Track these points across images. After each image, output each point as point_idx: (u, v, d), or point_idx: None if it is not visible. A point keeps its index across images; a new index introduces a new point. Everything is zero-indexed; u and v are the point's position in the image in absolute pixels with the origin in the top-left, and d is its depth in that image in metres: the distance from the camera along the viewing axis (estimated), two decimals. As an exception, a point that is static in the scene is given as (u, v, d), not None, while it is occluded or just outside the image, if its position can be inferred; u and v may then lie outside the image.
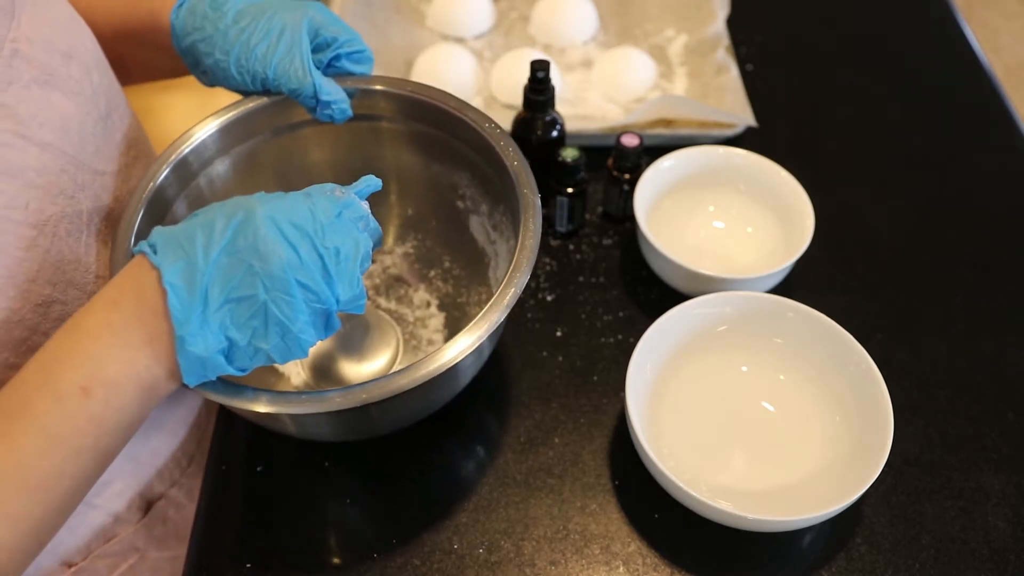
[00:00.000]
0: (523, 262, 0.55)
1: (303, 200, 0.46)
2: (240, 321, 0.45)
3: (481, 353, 0.59)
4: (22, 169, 0.48)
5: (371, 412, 0.56)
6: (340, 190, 0.48)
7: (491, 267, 0.70)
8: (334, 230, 0.46)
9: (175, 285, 0.43)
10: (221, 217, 0.44)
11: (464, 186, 0.69)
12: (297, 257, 0.44)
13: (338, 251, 0.46)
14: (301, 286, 0.45)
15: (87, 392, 0.42)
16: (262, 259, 0.44)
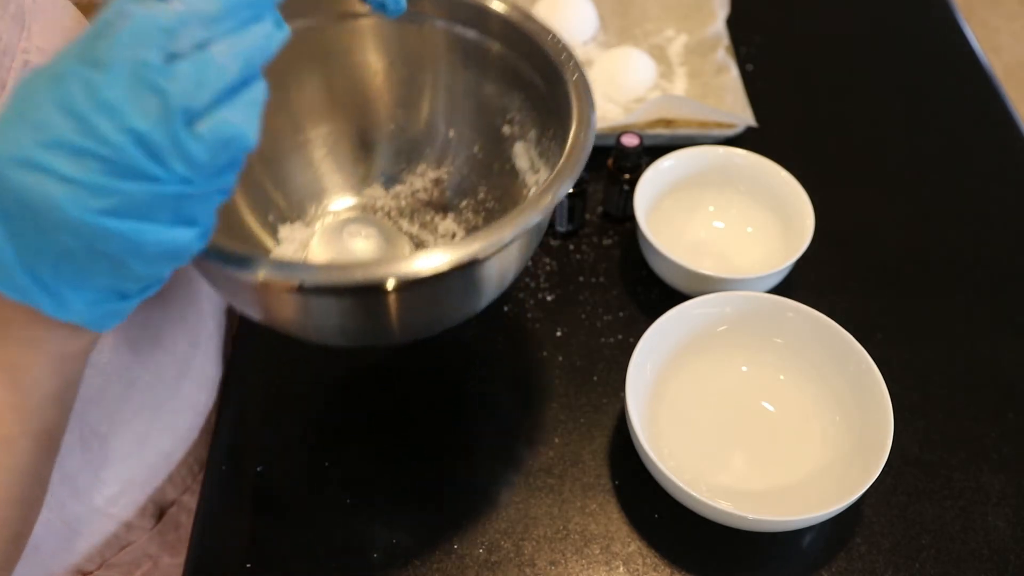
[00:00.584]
0: (567, 170, 0.50)
1: (48, 83, 0.32)
2: (88, 272, 0.35)
3: (506, 259, 0.52)
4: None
5: (391, 304, 0.49)
6: (125, 13, 0.32)
7: None
8: (110, 110, 0.31)
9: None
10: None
11: (514, 109, 0.63)
12: (80, 188, 0.31)
13: (136, 136, 0.32)
14: (112, 214, 0.32)
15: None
16: (40, 215, 0.32)
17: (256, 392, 0.70)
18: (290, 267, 0.44)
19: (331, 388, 0.71)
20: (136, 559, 0.65)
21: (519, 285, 0.77)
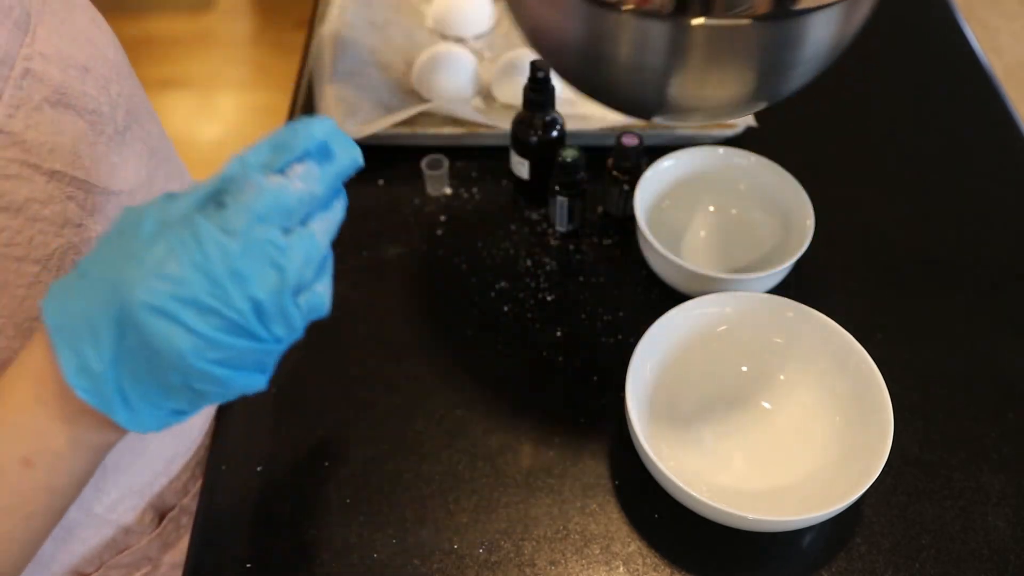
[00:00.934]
0: None
1: (190, 245, 0.36)
2: (172, 397, 0.39)
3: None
4: (27, 202, 0.44)
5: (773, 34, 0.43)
6: (253, 183, 0.37)
7: None
8: (239, 279, 0.36)
9: (84, 388, 0.37)
10: (100, 309, 0.36)
11: None
12: (200, 340, 0.36)
13: (256, 302, 0.37)
14: (217, 362, 0.37)
15: (29, 463, 0.40)
16: (160, 355, 0.36)
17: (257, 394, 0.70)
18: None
19: (331, 388, 0.71)
20: (136, 561, 0.65)
21: (519, 285, 0.77)
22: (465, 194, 0.85)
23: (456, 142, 0.87)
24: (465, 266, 0.79)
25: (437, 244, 0.81)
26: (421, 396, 0.70)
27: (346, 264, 0.79)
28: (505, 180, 0.86)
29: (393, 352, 0.73)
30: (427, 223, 0.82)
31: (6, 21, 0.44)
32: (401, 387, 0.71)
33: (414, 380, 0.71)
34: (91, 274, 0.37)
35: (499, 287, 0.77)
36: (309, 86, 0.93)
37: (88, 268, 0.38)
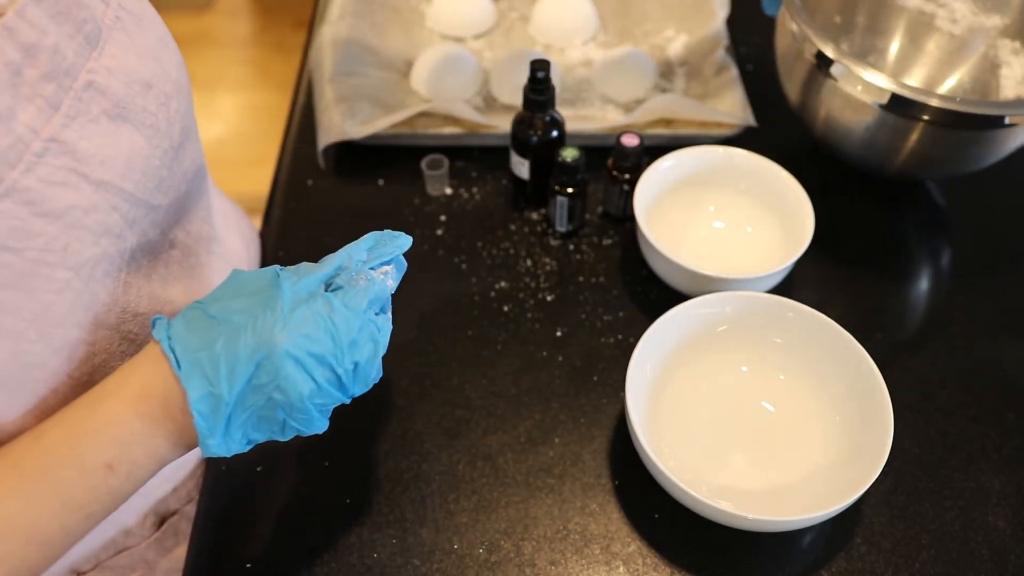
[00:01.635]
0: None
1: (325, 315, 0.46)
2: (260, 428, 0.48)
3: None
4: (68, 209, 0.45)
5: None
6: (365, 275, 0.49)
7: None
8: (354, 346, 0.48)
9: (202, 412, 0.45)
10: (244, 346, 0.45)
11: None
12: (316, 387, 0.47)
13: (356, 365, 0.48)
14: (318, 406, 0.48)
15: (112, 469, 0.45)
16: (283, 392, 0.46)
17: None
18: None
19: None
20: (132, 563, 0.65)
21: (519, 285, 0.77)
22: (465, 194, 0.85)
23: (456, 142, 0.87)
24: (465, 266, 0.79)
25: (437, 244, 0.81)
26: (421, 396, 0.70)
27: (346, 264, 0.79)
28: (505, 180, 0.86)
29: (393, 352, 0.73)
30: (427, 223, 0.82)
31: (77, 35, 0.45)
32: (401, 387, 0.71)
33: (414, 380, 0.71)
34: (231, 321, 0.46)
35: (499, 287, 0.77)
36: (309, 86, 0.93)
37: (224, 315, 0.46)
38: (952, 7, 0.87)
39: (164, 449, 0.47)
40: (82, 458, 0.44)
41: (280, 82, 2.25)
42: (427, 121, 0.85)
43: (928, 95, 0.68)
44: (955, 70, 0.87)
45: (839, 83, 0.73)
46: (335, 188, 0.85)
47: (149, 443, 0.46)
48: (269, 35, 2.42)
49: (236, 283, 0.48)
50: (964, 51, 0.87)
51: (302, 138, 0.90)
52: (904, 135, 0.73)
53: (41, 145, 0.43)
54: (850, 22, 0.90)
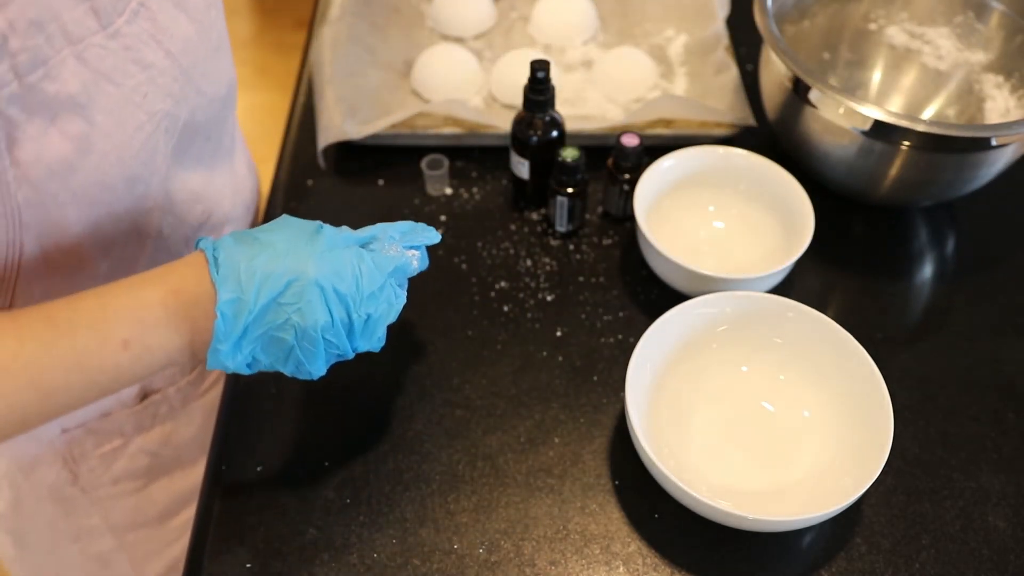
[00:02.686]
0: None
1: (355, 262, 0.53)
2: (268, 350, 0.52)
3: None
4: (150, 64, 0.54)
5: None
6: (397, 247, 0.56)
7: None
8: (373, 299, 0.53)
9: (225, 315, 0.49)
10: (282, 268, 0.50)
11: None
12: (331, 320, 0.51)
13: (369, 317, 0.53)
14: (326, 341, 0.52)
15: (127, 346, 0.49)
16: (302, 316, 0.51)
17: (256, 393, 0.70)
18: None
19: (331, 389, 0.71)
20: (110, 432, 0.70)
21: (519, 285, 0.77)
22: (465, 194, 0.85)
23: (456, 142, 0.87)
24: (465, 266, 0.79)
25: (437, 244, 0.81)
26: (421, 396, 0.70)
27: (346, 264, 0.79)
28: (505, 180, 0.86)
29: (394, 352, 0.73)
30: (427, 223, 0.82)
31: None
32: (401, 387, 0.71)
33: (415, 380, 0.71)
34: (275, 247, 0.51)
35: (499, 287, 0.77)
36: (309, 86, 0.93)
37: (269, 240, 0.52)
38: (937, 44, 0.88)
39: (176, 346, 0.51)
40: (106, 327, 0.49)
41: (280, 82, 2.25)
42: (427, 121, 0.85)
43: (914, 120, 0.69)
44: (940, 103, 0.89)
45: (819, 111, 0.74)
46: (335, 188, 0.85)
47: (165, 335, 0.50)
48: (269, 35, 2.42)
49: (284, 222, 0.54)
50: (949, 85, 0.88)
51: (302, 138, 0.90)
52: (890, 161, 0.74)
53: (136, 4, 0.52)
54: (835, 58, 0.92)
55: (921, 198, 0.80)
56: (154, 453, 0.75)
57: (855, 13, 0.91)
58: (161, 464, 0.76)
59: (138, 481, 0.76)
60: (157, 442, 0.74)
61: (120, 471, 0.74)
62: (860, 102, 0.70)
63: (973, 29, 0.86)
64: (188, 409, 0.76)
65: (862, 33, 0.91)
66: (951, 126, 0.70)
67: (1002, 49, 0.85)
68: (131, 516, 0.77)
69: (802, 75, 0.72)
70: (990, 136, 0.70)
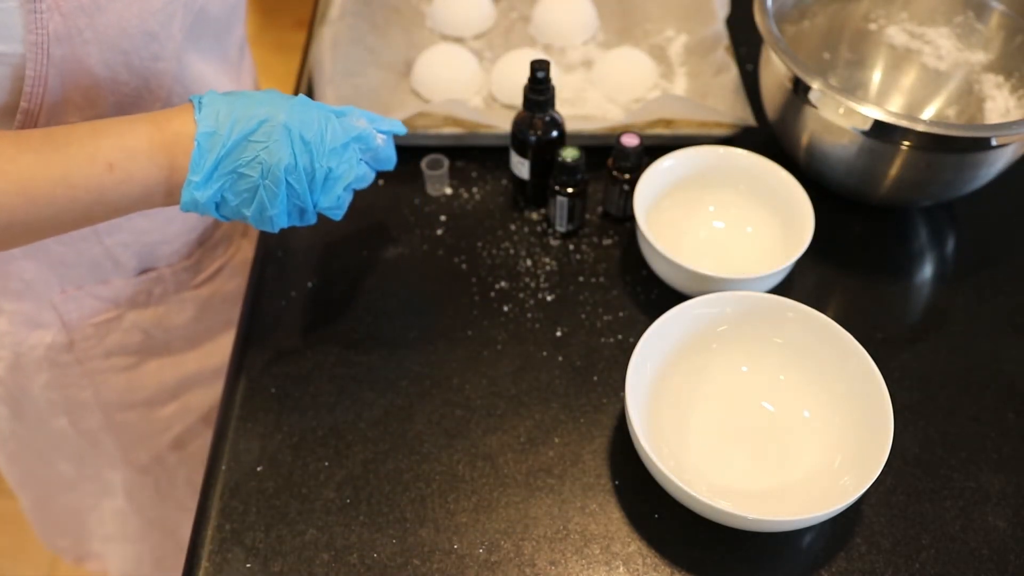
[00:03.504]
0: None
1: (323, 120, 0.57)
2: (235, 190, 0.57)
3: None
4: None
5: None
6: (363, 121, 0.61)
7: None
8: (335, 154, 0.58)
9: (201, 145, 0.55)
10: (257, 111, 0.56)
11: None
12: (294, 163, 0.56)
13: (330, 171, 0.58)
14: (288, 185, 0.57)
15: (111, 168, 0.54)
16: (269, 154, 0.56)
17: (257, 393, 0.70)
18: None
19: (331, 389, 0.71)
20: (106, 301, 0.76)
21: (519, 285, 0.77)
22: (465, 194, 0.85)
23: (456, 142, 0.87)
24: (465, 266, 0.79)
25: (437, 244, 0.81)
26: (421, 396, 0.70)
27: (346, 264, 0.79)
28: (505, 180, 0.86)
29: (393, 352, 0.73)
30: (427, 223, 0.82)
31: None
32: (401, 387, 0.71)
33: (414, 380, 0.71)
34: (255, 99, 0.57)
35: (499, 287, 0.77)
36: (309, 86, 0.93)
37: (251, 96, 0.57)
38: (937, 44, 0.88)
39: (155, 179, 0.55)
40: (95, 148, 0.54)
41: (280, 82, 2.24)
42: (427, 121, 0.85)
43: (914, 120, 0.69)
44: (940, 103, 0.89)
45: (819, 111, 0.74)
46: (335, 188, 0.85)
47: (147, 165, 0.55)
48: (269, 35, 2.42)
49: (267, 90, 0.59)
50: (949, 85, 0.88)
51: (302, 138, 0.90)
52: (890, 161, 0.74)
53: None
54: (835, 58, 0.92)
55: (921, 198, 0.80)
56: (146, 331, 0.80)
57: (855, 13, 0.91)
58: (152, 345, 0.82)
59: (129, 358, 0.81)
60: (150, 321, 0.80)
61: (113, 344, 0.79)
62: (860, 102, 0.70)
63: (973, 29, 0.86)
64: (181, 297, 0.82)
65: (862, 33, 0.91)
66: (951, 126, 0.70)
67: (1002, 49, 0.85)
68: (120, 395, 0.83)
69: (802, 75, 0.72)
70: (990, 136, 0.70)
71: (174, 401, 0.87)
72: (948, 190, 0.77)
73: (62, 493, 0.96)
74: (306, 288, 0.77)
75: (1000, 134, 0.70)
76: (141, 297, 0.78)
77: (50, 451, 0.89)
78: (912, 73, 0.90)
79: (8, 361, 0.78)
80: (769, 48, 0.77)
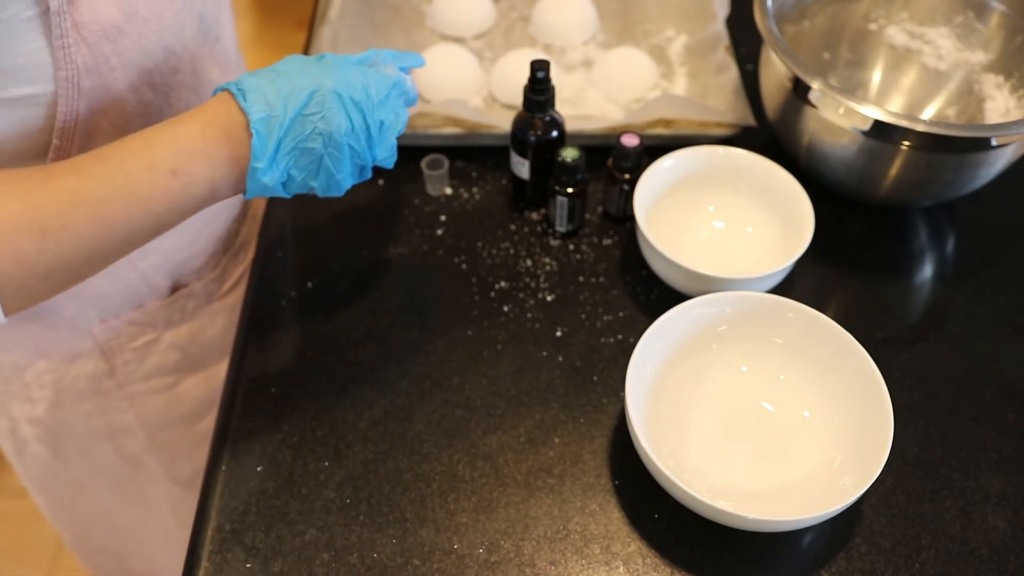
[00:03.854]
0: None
1: (363, 76, 0.58)
2: (300, 165, 0.57)
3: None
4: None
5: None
6: (392, 67, 0.62)
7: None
8: (382, 106, 0.59)
9: (259, 131, 0.55)
10: (302, 85, 0.56)
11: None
12: (351, 126, 0.57)
13: (382, 123, 0.59)
14: (350, 147, 0.58)
15: (174, 174, 0.53)
16: (326, 123, 0.56)
17: (257, 393, 0.70)
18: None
19: (331, 389, 0.71)
20: (143, 325, 0.76)
21: (519, 285, 0.77)
22: (465, 194, 0.85)
23: (456, 142, 0.87)
24: (465, 266, 0.79)
25: (437, 244, 0.81)
26: (421, 396, 0.70)
27: (346, 264, 0.79)
28: (505, 180, 0.86)
29: (393, 352, 0.73)
30: (427, 223, 0.82)
31: None
32: (401, 387, 0.71)
33: (414, 380, 0.71)
34: (291, 72, 0.57)
35: (499, 287, 0.77)
36: (309, 86, 0.93)
37: (284, 71, 0.57)
38: (937, 44, 0.89)
39: (219, 174, 0.55)
40: (152, 158, 0.53)
41: (280, 82, 2.24)
42: (427, 121, 0.85)
43: (914, 120, 0.69)
44: (940, 103, 0.89)
45: (819, 111, 0.74)
46: (335, 188, 0.85)
47: (208, 162, 0.54)
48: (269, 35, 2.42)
49: (290, 58, 0.59)
50: (949, 85, 0.88)
51: (302, 138, 0.90)
52: (890, 161, 0.74)
53: None
54: (835, 58, 0.92)
55: (921, 198, 0.80)
56: (183, 349, 0.81)
57: (855, 13, 0.91)
58: (189, 362, 0.82)
59: (168, 377, 0.81)
60: (185, 338, 0.80)
61: (152, 366, 0.79)
62: (860, 102, 0.70)
63: (973, 29, 0.86)
64: (211, 309, 0.82)
65: (862, 33, 0.91)
66: (951, 126, 0.70)
67: (1002, 49, 0.85)
68: (162, 414, 0.83)
69: (802, 75, 0.72)
70: (990, 136, 0.70)
71: (211, 413, 0.86)
72: (948, 190, 0.77)
73: (104, 522, 0.95)
74: (306, 288, 0.77)
75: (1000, 134, 0.70)
76: (176, 315, 0.79)
77: (92, 484, 0.89)
78: (912, 73, 0.90)
79: (48, 400, 0.77)
80: (769, 48, 0.77)
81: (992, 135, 0.70)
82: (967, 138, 0.70)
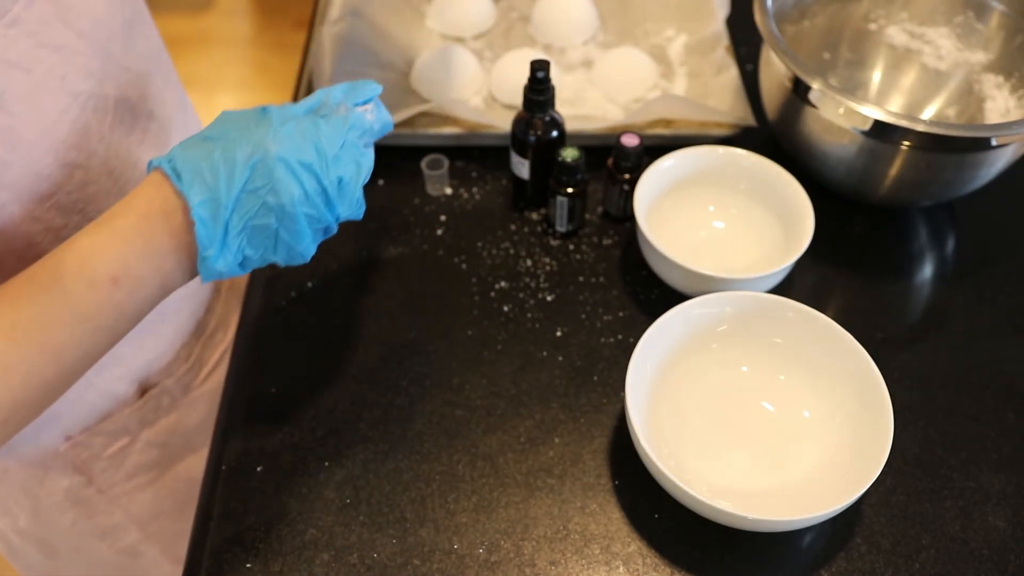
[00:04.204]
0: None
1: (310, 130, 0.51)
2: (255, 243, 0.51)
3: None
4: (62, 46, 0.53)
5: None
6: (345, 106, 0.54)
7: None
8: (337, 161, 0.52)
9: (203, 218, 0.48)
10: (241, 153, 0.49)
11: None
12: (304, 193, 0.51)
13: (340, 180, 0.52)
14: (307, 216, 0.51)
15: (116, 282, 0.48)
16: (276, 195, 0.50)
17: (257, 393, 0.70)
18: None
19: (331, 388, 0.71)
20: (116, 431, 0.71)
21: (519, 285, 0.77)
22: (465, 194, 0.85)
23: (456, 142, 0.87)
24: (465, 266, 0.79)
25: (437, 244, 0.81)
26: (421, 396, 0.70)
27: (346, 264, 0.79)
28: (505, 180, 0.86)
29: (393, 352, 0.73)
30: (427, 223, 0.82)
31: None
32: (401, 387, 0.71)
33: (414, 380, 0.71)
34: (227, 137, 0.50)
35: (499, 287, 0.77)
36: (309, 86, 0.93)
37: (218, 135, 0.50)
38: (937, 44, 0.89)
39: (167, 268, 0.50)
40: (90, 271, 0.48)
41: (280, 82, 2.25)
42: (427, 121, 0.85)
43: (914, 120, 0.69)
44: (940, 103, 0.89)
45: (819, 111, 0.74)
46: (335, 188, 0.85)
47: (152, 260, 0.49)
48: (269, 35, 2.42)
49: (226, 116, 0.52)
50: (949, 85, 0.88)
51: (302, 138, 0.90)
52: (890, 161, 0.74)
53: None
54: (835, 58, 0.92)
55: (921, 198, 0.80)
56: (163, 444, 0.76)
57: (855, 13, 0.91)
58: (172, 453, 0.77)
59: (152, 472, 0.76)
60: (164, 433, 0.75)
61: (132, 467, 0.74)
62: (860, 102, 0.70)
63: (973, 29, 0.86)
64: (190, 398, 0.77)
65: (862, 33, 0.91)
66: (951, 126, 0.70)
67: (1002, 49, 0.85)
68: (151, 507, 0.78)
69: (802, 75, 0.72)
70: (990, 136, 0.70)
71: None
72: (948, 190, 0.77)
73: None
74: (306, 288, 0.77)
75: (1000, 134, 0.70)
76: (149, 415, 0.74)
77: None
78: (912, 73, 0.90)
79: (29, 510, 0.73)
80: (769, 48, 0.77)
81: (992, 135, 0.70)
82: (967, 138, 0.70)
